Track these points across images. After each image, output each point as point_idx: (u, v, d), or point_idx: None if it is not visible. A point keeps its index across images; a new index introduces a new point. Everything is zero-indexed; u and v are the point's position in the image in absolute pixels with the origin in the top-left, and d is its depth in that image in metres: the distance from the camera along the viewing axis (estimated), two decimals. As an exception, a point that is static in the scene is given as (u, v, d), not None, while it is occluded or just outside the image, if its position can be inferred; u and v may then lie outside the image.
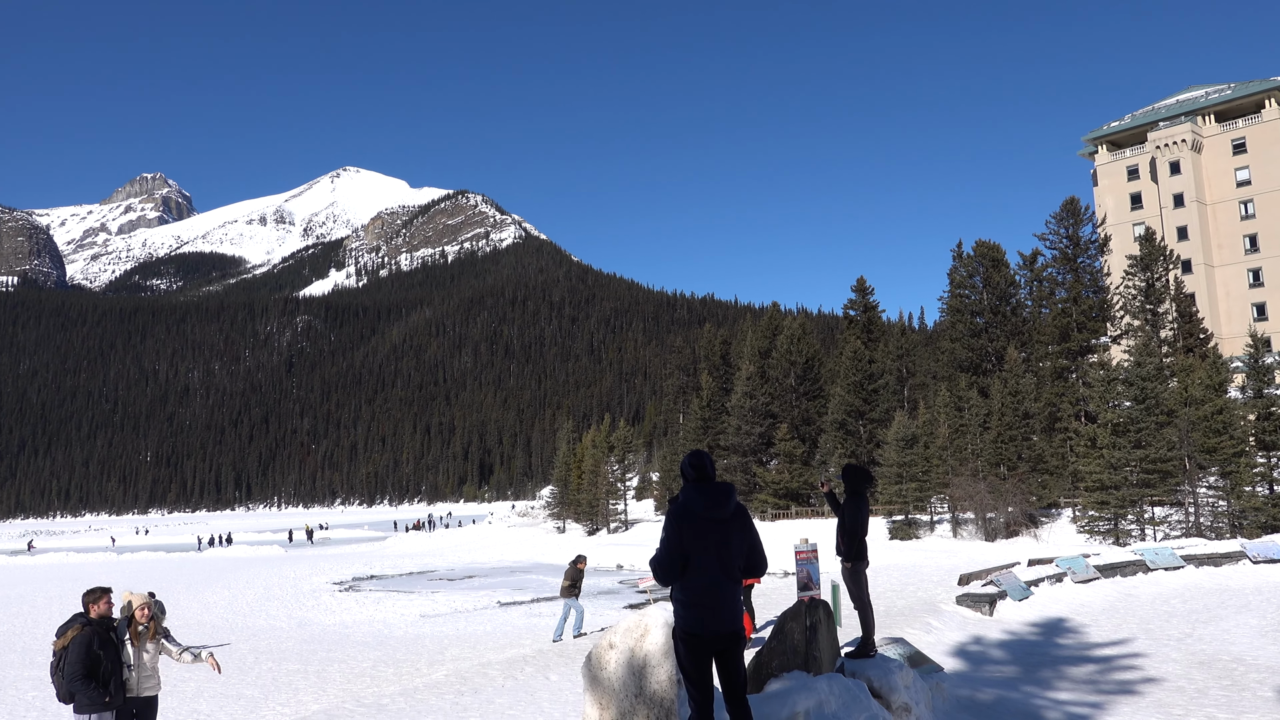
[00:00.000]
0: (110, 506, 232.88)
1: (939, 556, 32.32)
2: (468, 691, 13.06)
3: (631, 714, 7.17)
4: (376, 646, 19.70)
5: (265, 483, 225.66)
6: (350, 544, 68.09)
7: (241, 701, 14.80)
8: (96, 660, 8.14)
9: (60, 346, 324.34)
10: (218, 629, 23.93)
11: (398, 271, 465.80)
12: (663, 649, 7.22)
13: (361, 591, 32.25)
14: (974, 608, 16.13)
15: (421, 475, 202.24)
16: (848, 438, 49.04)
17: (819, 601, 8.52)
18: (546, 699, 12.21)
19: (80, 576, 45.32)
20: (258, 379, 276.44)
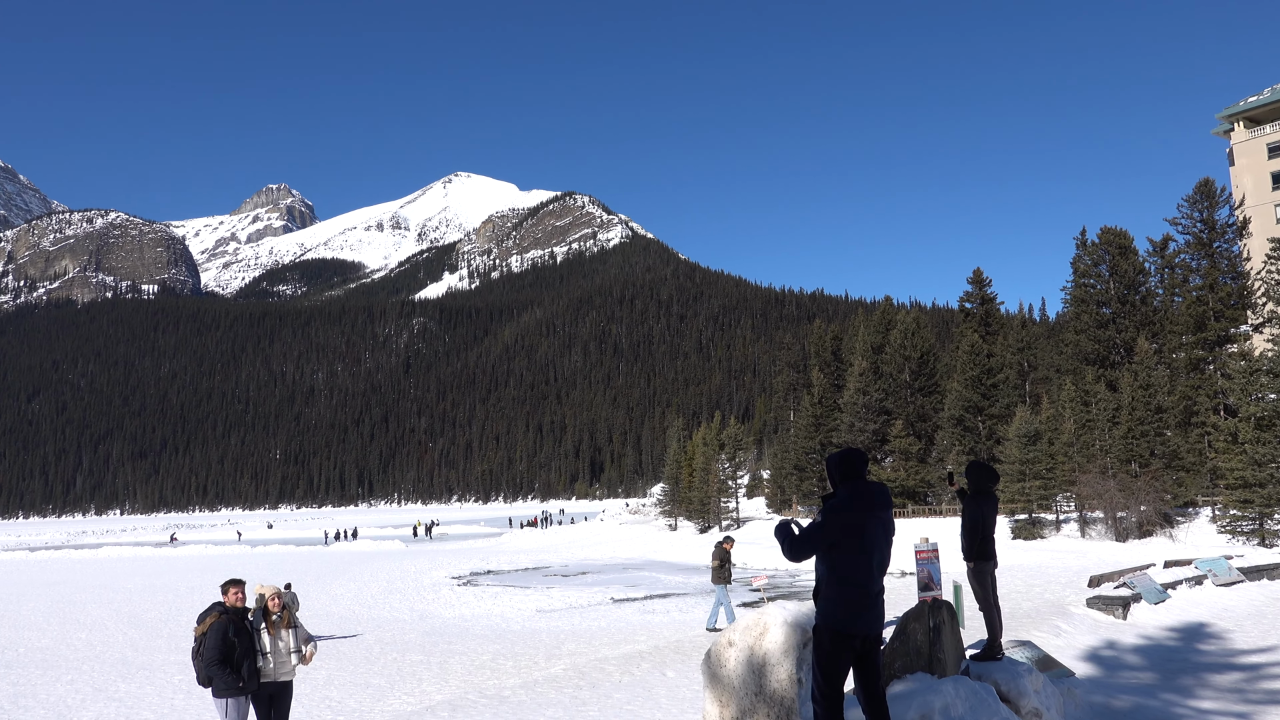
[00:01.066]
0: (244, 501, 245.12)
1: (1066, 557, 31.07)
2: (586, 686, 13.22)
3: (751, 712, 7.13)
4: (495, 640, 20.13)
5: (386, 479, 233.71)
6: (467, 540, 69.87)
7: (369, 690, 15.33)
8: (231, 647, 8.58)
9: (196, 350, 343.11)
10: (345, 620, 24.85)
11: (508, 273, 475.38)
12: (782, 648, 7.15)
13: (479, 586, 33.01)
14: (1106, 611, 15.45)
15: (534, 473, 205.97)
16: (966, 434, 47.62)
17: (942, 602, 8.30)
18: (664, 695, 12.26)
19: (217, 568, 47.82)
20: (377, 379, 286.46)
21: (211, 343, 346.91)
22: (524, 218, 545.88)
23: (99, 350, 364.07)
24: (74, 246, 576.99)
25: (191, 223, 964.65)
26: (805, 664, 7.05)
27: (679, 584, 31.66)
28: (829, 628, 5.62)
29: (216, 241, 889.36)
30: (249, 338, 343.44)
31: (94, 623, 26.57)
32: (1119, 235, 49.17)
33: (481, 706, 12.59)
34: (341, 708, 14.03)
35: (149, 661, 19.45)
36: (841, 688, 5.74)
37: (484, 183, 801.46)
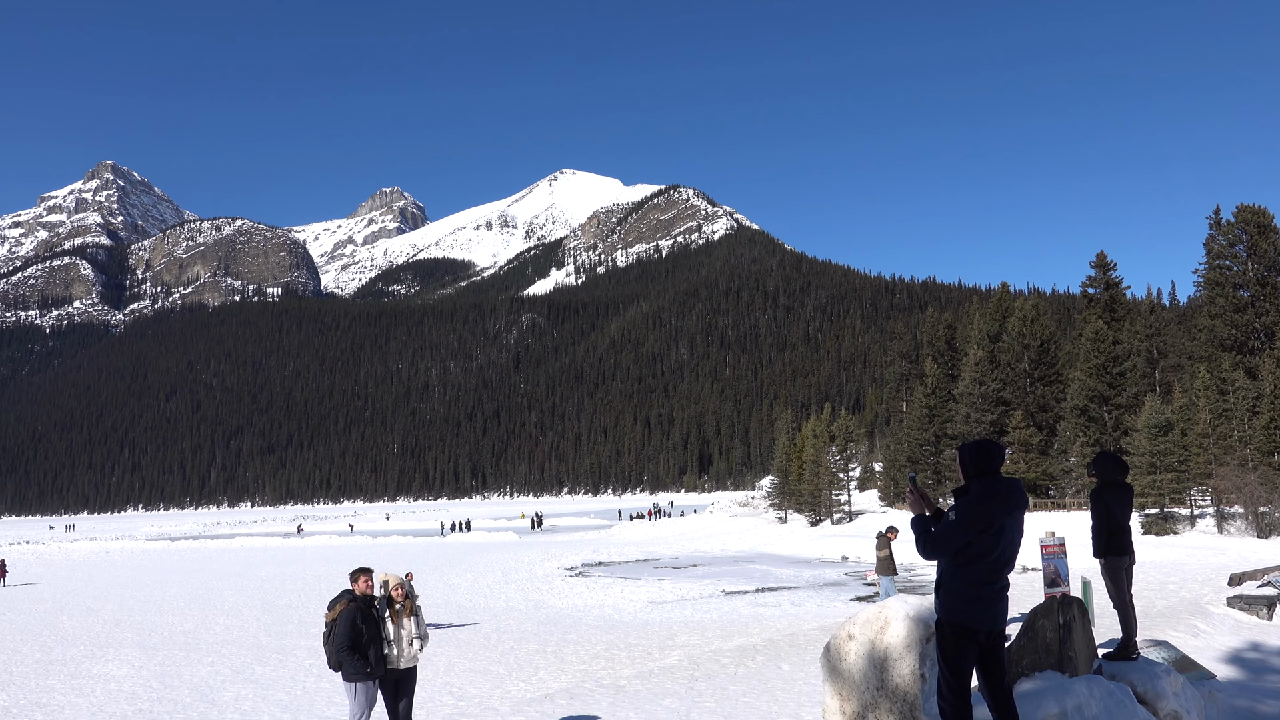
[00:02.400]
0: (364, 494, 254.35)
1: (1202, 553, 29.49)
2: (701, 677, 13.24)
3: (874, 707, 7.00)
4: (608, 630, 20.34)
5: (498, 472, 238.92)
6: (578, 532, 70.85)
7: (488, 677, 15.70)
8: (359, 633, 8.91)
9: (318, 349, 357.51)
10: (463, 609, 25.51)
11: (614, 268, 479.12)
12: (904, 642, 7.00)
13: (591, 577, 33.42)
14: (1249, 610, 14.60)
15: (643, 465, 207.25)
16: (1090, 425, 45.66)
17: (1072, 598, 7.99)
18: (780, 688, 12.17)
19: (341, 558, 49.75)
20: (488, 375, 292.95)
21: (332, 342, 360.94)
22: (628, 212, 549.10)
23: (229, 351, 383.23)
24: (204, 253, 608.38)
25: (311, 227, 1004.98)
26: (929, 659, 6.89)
27: (791, 577, 31.37)
28: (952, 622, 5.46)
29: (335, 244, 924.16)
30: (366, 336, 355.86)
31: (230, 608, 28.01)
32: (1257, 214, 46.25)
33: (598, 695, 12.74)
34: (463, 694, 14.41)
35: (282, 646, 20.38)
36: (968, 684, 5.57)
37: (588, 179, 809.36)
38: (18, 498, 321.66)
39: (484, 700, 13.76)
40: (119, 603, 31.13)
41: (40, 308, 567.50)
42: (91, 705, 15.00)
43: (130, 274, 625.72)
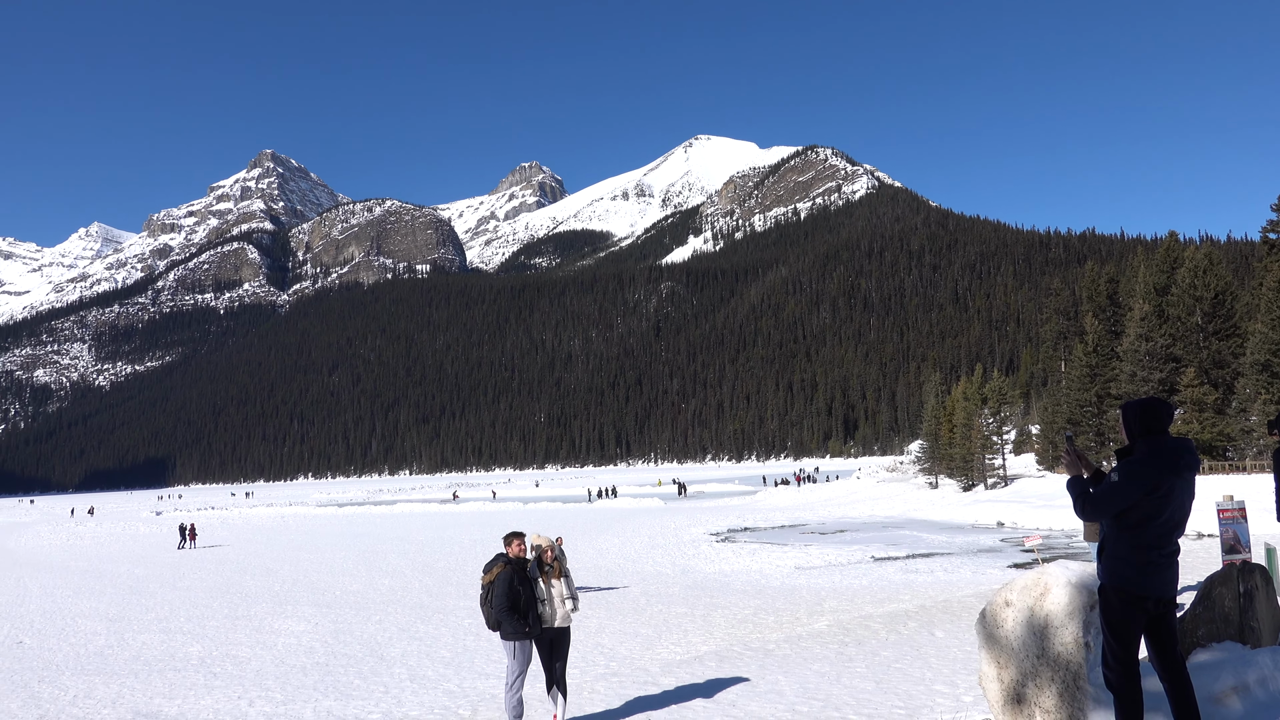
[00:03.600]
0: (514, 462, 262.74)
1: (1405, 519, 26.98)
2: (851, 642, 13.12)
3: (1034, 675, 6.77)
4: (755, 595, 20.38)
5: (642, 440, 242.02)
6: (722, 498, 71.08)
7: (638, 639, 16.01)
8: (516, 595, 9.24)
9: (466, 323, 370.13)
10: (612, 573, 26.07)
11: (752, 233, 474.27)
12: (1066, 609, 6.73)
13: (737, 543, 33.51)
14: None
15: (786, 431, 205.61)
16: (1273, 381, 42.31)
17: (1254, 565, 7.48)
18: (933, 654, 11.93)
19: (494, 522, 51.63)
20: (629, 344, 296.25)
21: (478, 315, 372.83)
22: (765, 176, 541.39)
23: (384, 327, 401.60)
24: (358, 234, 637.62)
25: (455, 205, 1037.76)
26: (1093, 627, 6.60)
27: (942, 543, 30.57)
28: (1117, 588, 5.19)
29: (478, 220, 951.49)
30: (511, 309, 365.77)
31: (394, 570, 29.56)
32: None
33: (747, 658, 12.82)
34: (614, 654, 14.76)
35: (442, 606, 21.37)
36: (1135, 653, 5.30)
37: (724, 144, 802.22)
38: (202, 467, 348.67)
39: (635, 661, 14.05)
40: (294, 564, 33.33)
41: (214, 290, 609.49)
42: (274, 657, 16.16)
43: (292, 256, 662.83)
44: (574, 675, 12.12)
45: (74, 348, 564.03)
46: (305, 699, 13.06)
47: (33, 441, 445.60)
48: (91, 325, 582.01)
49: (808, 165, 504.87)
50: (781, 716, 9.75)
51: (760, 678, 11.62)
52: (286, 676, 14.56)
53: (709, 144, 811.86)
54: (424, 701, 12.38)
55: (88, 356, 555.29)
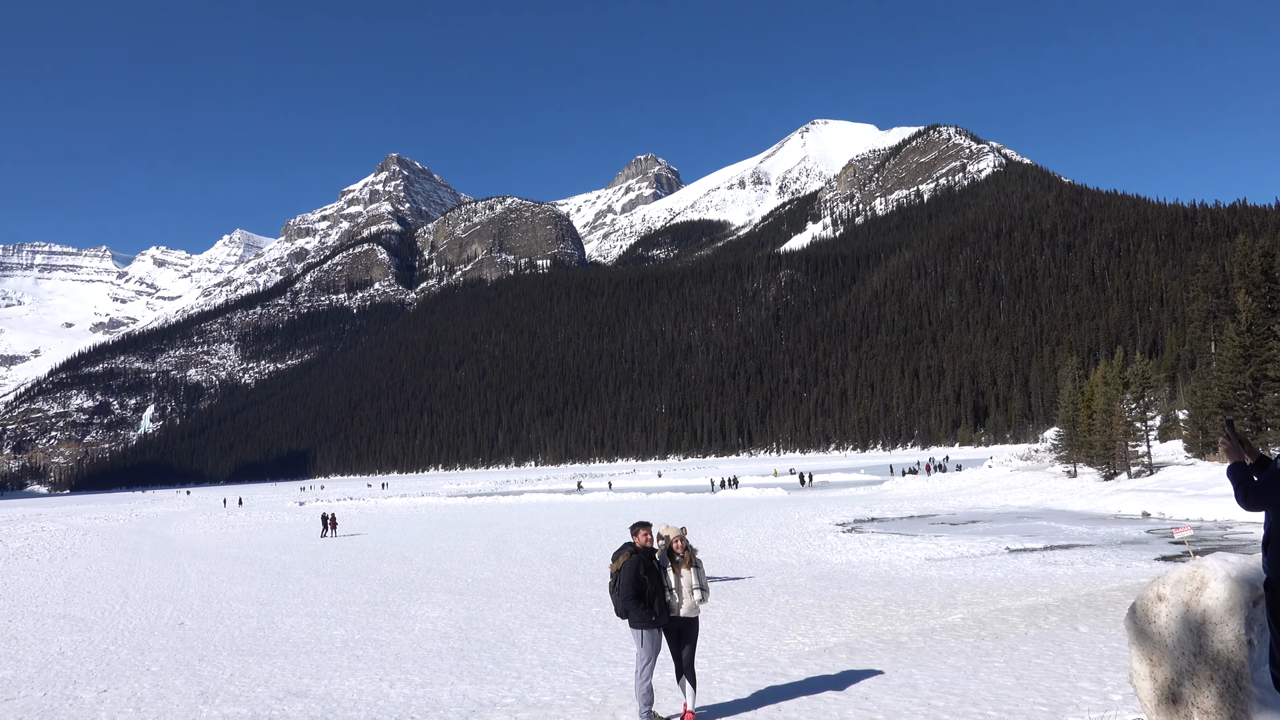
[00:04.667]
0: (636, 453, 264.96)
1: None
2: (988, 636, 12.70)
3: (1190, 674, 6.40)
4: (885, 586, 19.97)
5: (764, 429, 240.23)
6: (847, 488, 69.91)
7: (765, 629, 15.91)
8: (643, 584, 9.30)
9: (586, 316, 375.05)
10: (736, 563, 25.99)
11: (873, 217, 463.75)
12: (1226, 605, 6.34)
13: (864, 533, 32.90)
14: None
15: (913, 419, 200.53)
16: None
17: None
18: (1077, 650, 11.43)
19: (617, 512, 52.20)
20: (749, 333, 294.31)
21: (598, 308, 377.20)
22: (885, 158, 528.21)
23: (507, 321, 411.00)
24: (480, 231, 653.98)
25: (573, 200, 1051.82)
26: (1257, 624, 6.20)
27: (1083, 535, 29.24)
28: None
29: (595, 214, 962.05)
30: (630, 301, 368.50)
31: (522, 559, 30.24)
32: None
33: (879, 651, 12.57)
34: (741, 644, 14.71)
35: (570, 594, 21.75)
36: None
37: (842, 127, 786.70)
38: (340, 460, 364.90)
39: (762, 651, 13.96)
40: (428, 553, 34.50)
41: (348, 290, 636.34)
42: (412, 641, 16.77)
43: (418, 255, 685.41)
44: (702, 665, 12.14)
45: (222, 348, 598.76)
46: (442, 682, 13.50)
47: (187, 436, 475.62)
48: (237, 326, 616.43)
49: (930, 145, 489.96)
50: (917, 711, 9.51)
51: (893, 671, 11.37)
52: (424, 660, 15.09)
53: (826, 128, 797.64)
54: (555, 687, 12.63)
55: (234, 356, 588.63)
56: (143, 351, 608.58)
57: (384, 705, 12.40)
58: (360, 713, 12.12)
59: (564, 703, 11.45)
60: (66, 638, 19.32)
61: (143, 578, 30.95)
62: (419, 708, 12.14)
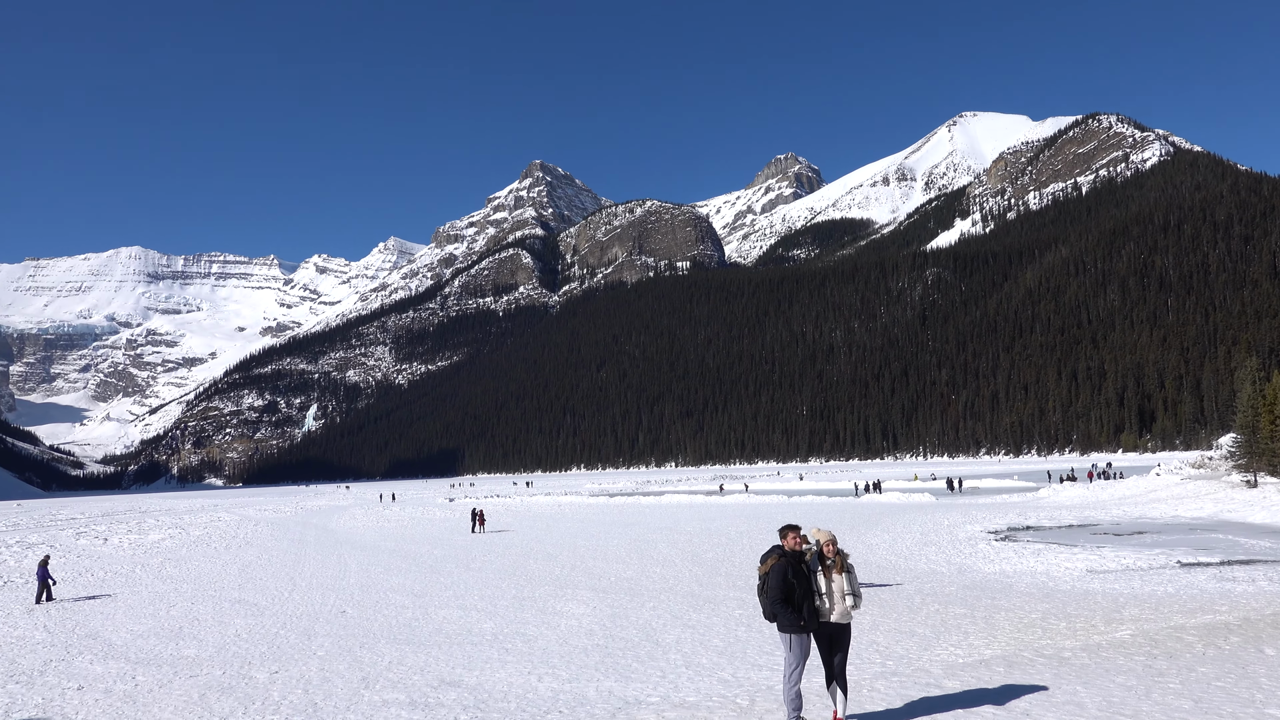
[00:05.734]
0: (776, 455, 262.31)
1: None
2: (1160, 655, 11.89)
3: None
4: (1043, 599, 19.05)
5: (909, 433, 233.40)
6: (1000, 494, 67.08)
7: (914, 638, 15.43)
8: (791, 587, 9.14)
9: (726, 317, 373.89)
10: (883, 569, 25.33)
11: (1026, 212, 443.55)
12: None
13: (1019, 542, 31.49)
14: None
15: (1070, 423, 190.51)
16: None
17: None
18: (1263, 674, 10.57)
19: (759, 515, 51.77)
20: (894, 334, 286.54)
21: (738, 309, 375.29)
22: (1039, 150, 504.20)
23: (647, 323, 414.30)
24: (620, 235, 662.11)
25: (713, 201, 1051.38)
26: None
27: (1266, 549, 27.09)
28: None
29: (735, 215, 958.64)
30: (770, 302, 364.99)
31: (664, 559, 30.37)
32: None
33: (1040, 665, 11.97)
34: (889, 653, 14.31)
35: (712, 595, 21.69)
36: None
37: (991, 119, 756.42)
38: (487, 458, 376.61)
39: (912, 661, 13.54)
40: (572, 550, 35.14)
41: (494, 294, 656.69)
42: (559, 637, 17.10)
43: (561, 259, 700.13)
44: (850, 672, 11.86)
45: (377, 350, 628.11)
46: (588, 678, 13.70)
47: (346, 434, 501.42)
48: (391, 330, 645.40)
49: (1088, 135, 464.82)
50: (1083, 730, 8.99)
51: (1056, 687, 10.80)
52: (570, 656, 15.35)
53: (975, 121, 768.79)
54: (700, 688, 12.60)
55: (389, 358, 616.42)
56: (306, 353, 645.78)
57: (532, 698, 12.68)
58: (510, 704, 12.42)
59: (710, 704, 11.40)
60: (241, 621, 20.65)
61: (308, 567, 32.76)
62: (566, 702, 12.35)
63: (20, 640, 19.35)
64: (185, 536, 52.45)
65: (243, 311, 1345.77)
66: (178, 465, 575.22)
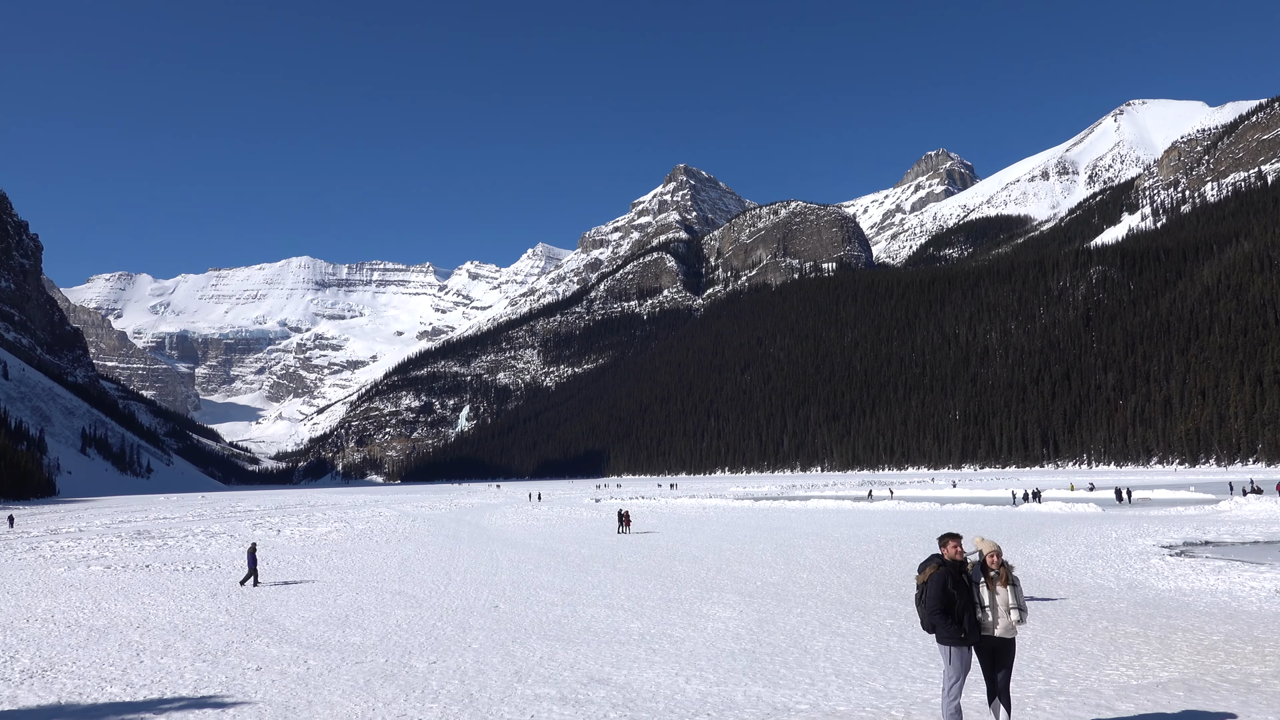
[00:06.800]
0: (927, 461, 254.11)
1: None
2: (1368, 686, 10.83)
3: None
4: (1225, 619, 17.69)
5: (1072, 439, 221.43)
6: (1174, 506, 62.78)
7: (1081, 657, 14.61)
8: (951, 598, 8.79)
9: (873, 319, 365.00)
10: (1045, 583, 24.13)
11: (1202, 204, 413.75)
12: None
13: (1197, 558, 29.36)
14: None
15: (1255, 431, 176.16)
16: None
17: None
18: None
19: (910, 522, 50.24)
20: (1055, 335, 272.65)
21: (886, 311, 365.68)
22: (1218, 138, 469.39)
23: (792, 326, 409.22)
24: (765, 237, 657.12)
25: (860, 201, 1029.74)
26: None
27: None
28: None
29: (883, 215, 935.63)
30: (920, 303, 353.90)
31: (811, 565, 29.88)
32: None
33: (1223, 691, 11.12)
34: (1054, 671, 13.60)
35: (862, 604, 21.18)
36: None
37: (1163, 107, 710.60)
38: (632, 460, 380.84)
39: (1080, 680, 12.82)
40: (717, 554, 35.04)
41: (638, 298, 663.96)
42: (705, 639, 17.06)
43: (704, 262, 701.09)
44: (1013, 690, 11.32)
45: (526, 353, 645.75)
46: (736, 682, 13.61)
47: (497, 435, 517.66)
48: (539, 333, 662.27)
49: (1274, 120, 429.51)
50: (1277, 764, 8.28)
51: (1245, 716, 9.99)
52: (717, 659, 15.29)
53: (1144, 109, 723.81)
54: (850, 698, 12.31)
55: (537, 361, 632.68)
56: (459, 357, 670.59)
57: (680, 700, 12.69)
58: (659, 704, 12.47)
59: (862, 715, 11.13)
60: (401, 612, 21.58)
61: (462, 562, 33.95)
62: (714, 706, 12.29)
63: (205, 622, 20.84)
64: (349, 530, 55.33)
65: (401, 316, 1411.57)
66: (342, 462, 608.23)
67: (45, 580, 30.84)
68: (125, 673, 15.46)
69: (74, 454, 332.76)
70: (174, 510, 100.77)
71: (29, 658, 16.86)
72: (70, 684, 14.68)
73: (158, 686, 14.39)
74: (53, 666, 16.02)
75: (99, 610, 23.11)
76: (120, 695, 13.84)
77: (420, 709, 12.59)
